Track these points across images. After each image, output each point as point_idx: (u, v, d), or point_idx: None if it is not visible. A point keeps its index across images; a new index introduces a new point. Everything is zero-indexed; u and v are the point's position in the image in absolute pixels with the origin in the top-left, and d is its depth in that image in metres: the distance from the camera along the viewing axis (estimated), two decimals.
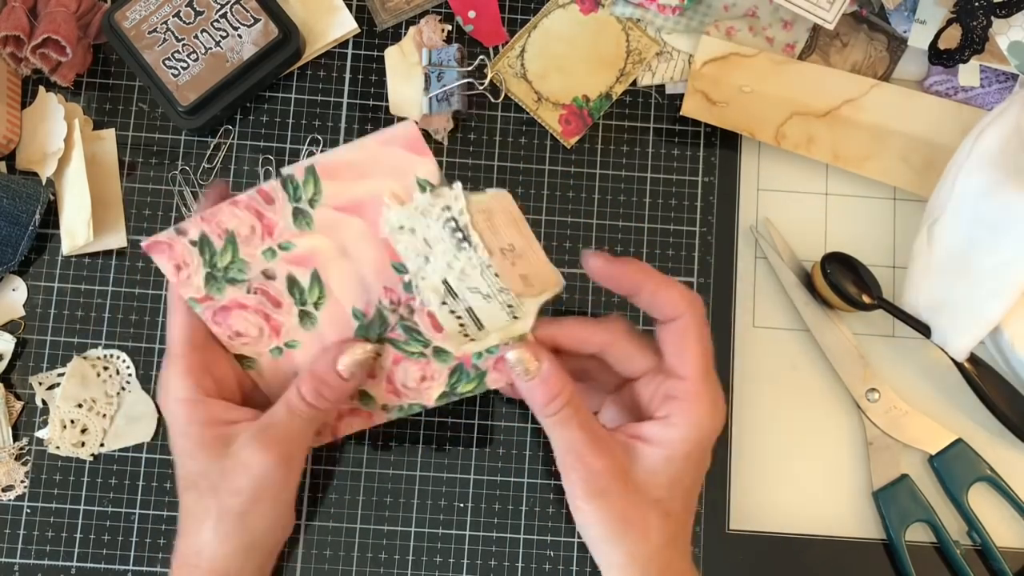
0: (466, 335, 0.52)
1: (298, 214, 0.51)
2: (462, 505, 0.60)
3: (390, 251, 0.51)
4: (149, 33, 0.61)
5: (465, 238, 0.48)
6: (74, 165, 0.61)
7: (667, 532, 0.50)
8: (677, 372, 0.50)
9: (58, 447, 0.60)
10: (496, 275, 0.49)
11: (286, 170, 0.50)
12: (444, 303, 0.51)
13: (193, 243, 0.51)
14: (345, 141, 0.63)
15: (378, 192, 0.50)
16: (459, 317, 0.51)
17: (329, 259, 0.52)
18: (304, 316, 0.54)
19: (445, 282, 0.50)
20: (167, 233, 0.51)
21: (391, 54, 0.64)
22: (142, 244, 0.51)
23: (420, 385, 0.55)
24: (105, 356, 0.61)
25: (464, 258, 0.49)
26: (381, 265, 0.52)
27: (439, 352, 0.54)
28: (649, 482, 0.50)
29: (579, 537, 0.60)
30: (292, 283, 0.53)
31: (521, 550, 0.60)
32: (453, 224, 0.48)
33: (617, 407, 0.55)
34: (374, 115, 0.64)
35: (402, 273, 0.52)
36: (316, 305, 0.53)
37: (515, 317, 0.51)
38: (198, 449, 0.52)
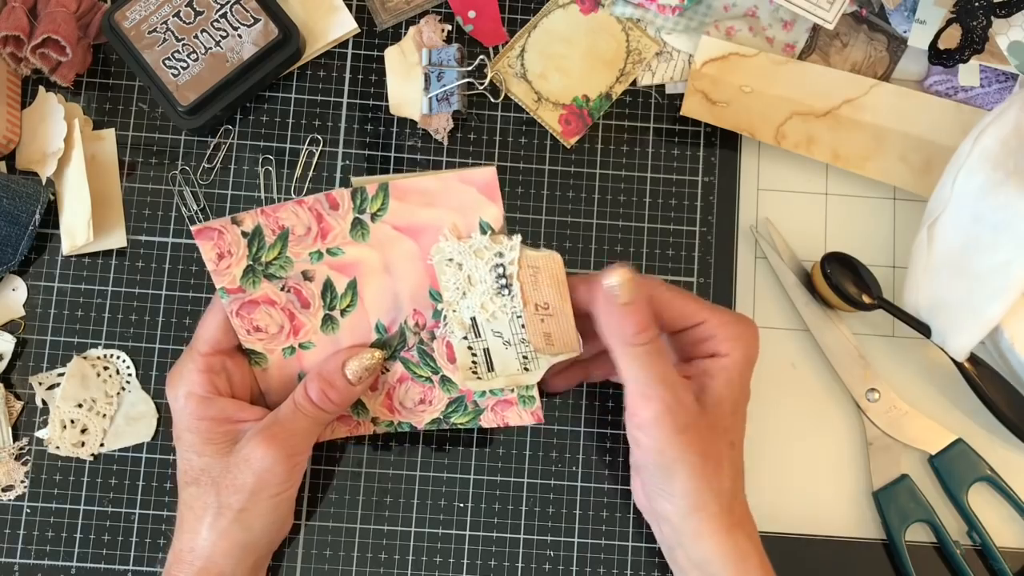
0: (475, 373, 0.55)
1: (357, 224, 0.53)
2: (462, 505, 0.60)
3: (431, 277, 0.53)
4: (149, 33, 0.61)
5: (507, 286, 0.51)
6: (74, 165, 0.61)
7: (734, 464, 0.51)
8: (688, 323, 0.52)
9: (58, 447, 0.60)
10: (523, 326, 0.52)
11: (359, 181, 0.52)
12: (465, 338, 0.53)
13: (245, 234, 0.52)
14: (345, 141, 0.63)
15: (439, 222, 0.52)
16: (474, 355, 0.54)
17: (371, 272, 0.54)
18: (328, 320, 0.54)
19: (473, 319, 0.53)
20: (221, 220, 0.52)
21: (391, 54, 0.64)
22: (192, 228, 0.52)
23: (417, 407, 0.57)
24: (105, 356, 0.61)
25: (499, 303, 0.52)
26: (418, 288, 0.54)
27: (445, 381, 0.56)
28: (717, 413, 0.50)
29: (579, 537, 0.60)
30: (327, 287, 0.54)
31: (521, 550, 0.60)
32: (501, 270, 0.51)
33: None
34: (374, 115, 0.64)
35: (436, 301, 0.54)
36: (343, 312, 0.54)
37: (526, 369, 0.54)
38: (205, 445, 0.52)
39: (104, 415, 0.60)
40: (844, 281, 0.60)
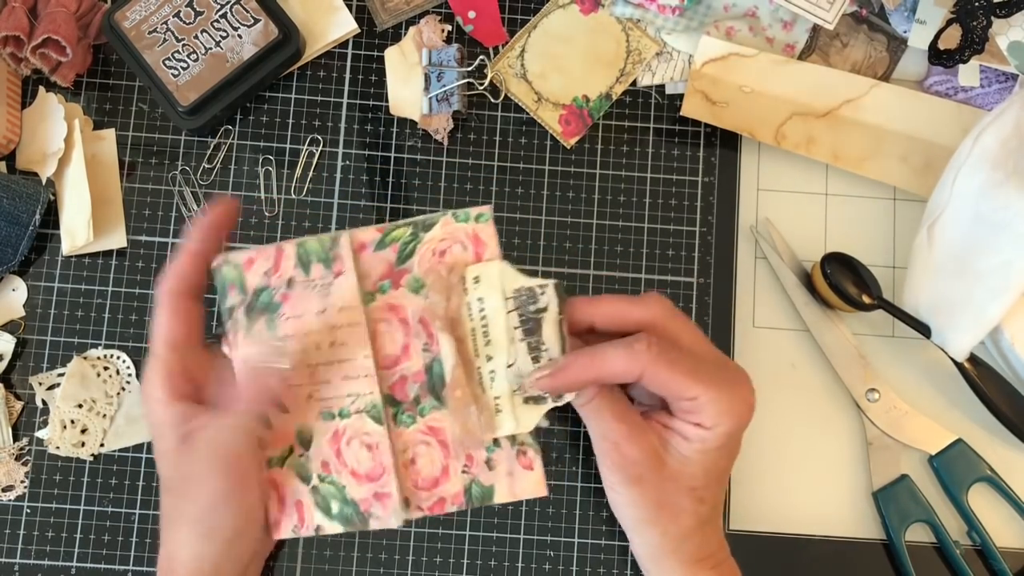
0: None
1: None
2: None
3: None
4: (149, 33, 0.61)
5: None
6: (74, 165, 0.61)
7: (700, 516, 0.51)
8: (681, 397, 0.49)
9: (58, 447, 0.60)
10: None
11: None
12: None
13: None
14: (345, 141, 0.63)
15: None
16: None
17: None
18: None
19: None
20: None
21: (391, 54, 0.64)
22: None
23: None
24: (105, 356, 0.61)
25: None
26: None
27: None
28: (683, 471, 0.50)
29: (579, 537, 0.60)
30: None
31: (521, 550, 0.60)
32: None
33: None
34: (374, 115, 0.64)
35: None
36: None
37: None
38: (171, 452, 0.50)
39: (104, 415, 0.60)
40: (844, 281, 0.60)
